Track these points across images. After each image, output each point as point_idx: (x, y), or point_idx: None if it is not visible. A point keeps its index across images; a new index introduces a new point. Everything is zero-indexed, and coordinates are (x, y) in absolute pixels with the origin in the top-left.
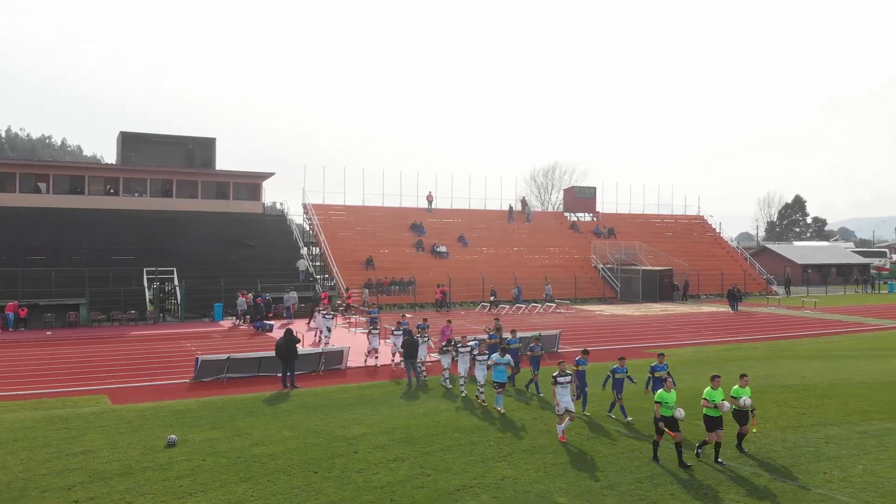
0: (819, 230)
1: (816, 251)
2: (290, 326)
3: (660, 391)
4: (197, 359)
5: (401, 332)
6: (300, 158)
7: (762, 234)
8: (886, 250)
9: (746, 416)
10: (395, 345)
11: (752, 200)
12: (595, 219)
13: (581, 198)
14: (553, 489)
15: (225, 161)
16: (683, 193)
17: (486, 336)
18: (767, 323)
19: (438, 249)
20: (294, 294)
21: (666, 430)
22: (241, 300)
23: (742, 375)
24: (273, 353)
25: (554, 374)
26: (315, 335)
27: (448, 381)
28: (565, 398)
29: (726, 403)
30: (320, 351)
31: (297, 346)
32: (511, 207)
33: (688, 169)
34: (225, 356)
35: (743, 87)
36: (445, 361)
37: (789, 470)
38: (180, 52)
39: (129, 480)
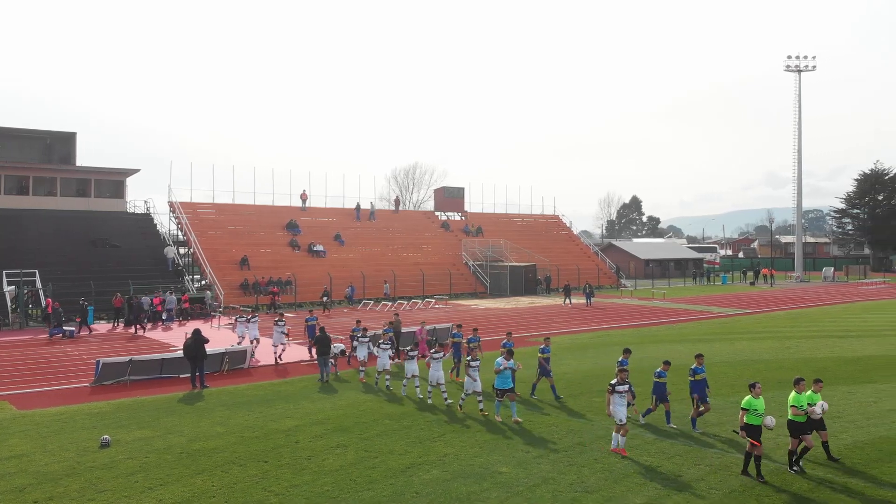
0: (653, 228)
1: (656, 247)
2: (198, 327)
3: (748, 398)
4: (98, 362)
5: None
6: (166, 155)
7: (604, 231)
8: (716, 246)
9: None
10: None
11: (595, 200)
12: (464, 218)
13: (450, 198)
14: (493, 461)
15: (87, 158)
16: (541, 194)
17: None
18: (627, 313)
19: (315, 248)
20: (174, 297)
21: (749, 439)
22: (145, 299)
23: (816, 381)
24: (176, 355)
25: (612, 382)
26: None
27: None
28: (622, 409)
29: (818, 408)
30: (223, 351)
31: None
32: (359, 206)
33: (543, 170)
34: (127, 358)
35: (586, 91)
36: (411, 368)
37: (687, 434)
38: (39, 45)
39: (81, 480)
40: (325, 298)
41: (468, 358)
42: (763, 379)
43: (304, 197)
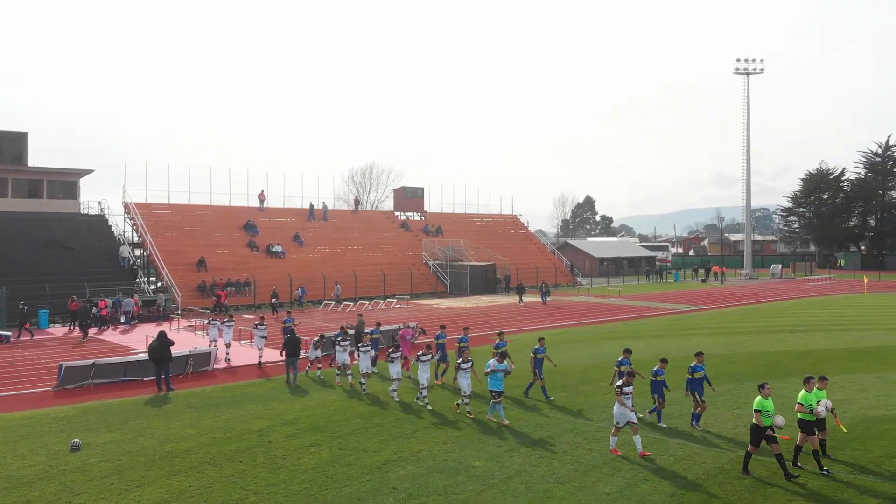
0: (606, 227)
1: (610, 246)
2: (162, 328)
3: (758, 398)
4: (60, 365)
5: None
6: (120, 155)
7: (558, 230)
8: (668, 244)
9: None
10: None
11: (549, 200)
12: (423, 218)
13: (410, 198)
14: (466, 456)
15: (39, 158)
16: (499, 195)
17: (348, 331)
18: (585, 310)
19: (274, 249)
20: (131, 300)
21: (767, 442)
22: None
23: (821, 378)
24: (139, 358)
25: (618, 384)
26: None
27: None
28: (625, 410)
29: (822, 407)
30: (188, 353)
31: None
32: (312, 206)
33: (500, 171)
34: (90, 362)
35: (544, 93)
36: (395, 370)
37: (656, 423)
38: None
39: (55, 483)
40: (273, 300)
41: (459, 360)
42: (718, 373)
43: (261, 197)
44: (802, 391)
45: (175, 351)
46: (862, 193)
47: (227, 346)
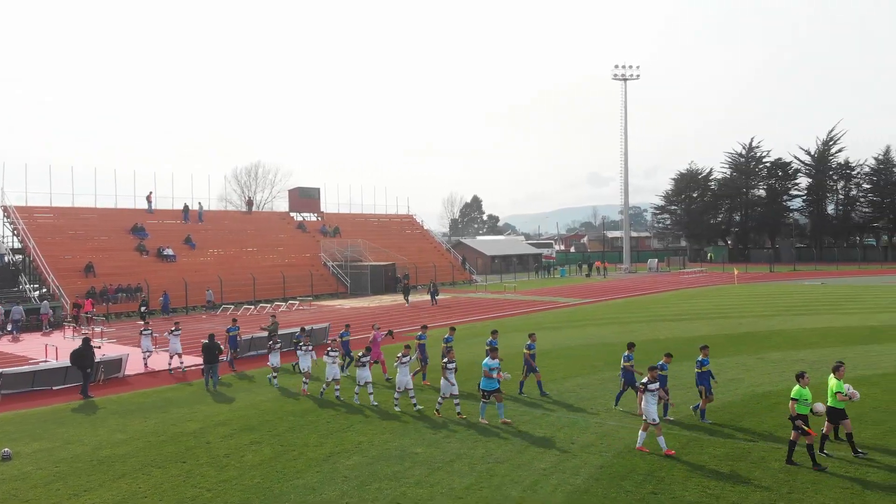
0: (493, 226)
1: (500, 244)
2: (87, 336)
3: (796, 388)
4: None
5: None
6: None
7: (449, 230)
8: (552, 242)
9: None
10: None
11: (439, 199)
12: (320, 218)
13: (305, 198)
14: (406, 444)
15: None
16: (395, 195)
17: (265, 333)
18: (487, 306)
19: (165, 252)
20: (20, 307)
21: (804, 429)
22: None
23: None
24: (48, 367)
25: (643, 381)
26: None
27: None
28: (653, 408)
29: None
30: (98, 360)
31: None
32: (187, 207)
33: (394, 172)
34: None
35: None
36: (363, 375)
37: (574, 405)
38: None
39: None
40: (143, 308)
41: (444, 360)
42: (615, 360)
43: (150, 199)
44: (834, 380)
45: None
46: (728, 192)
47: (179, 355)
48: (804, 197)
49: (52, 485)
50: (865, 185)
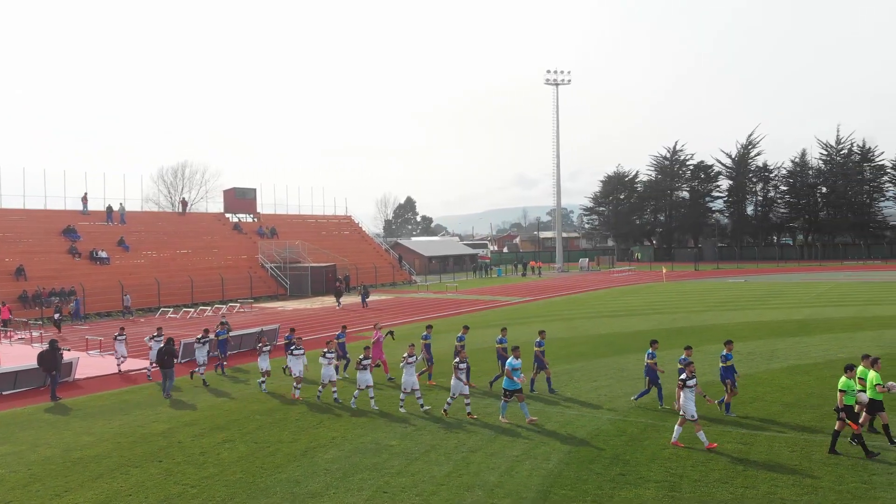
0: (427, 227)
1: (436, 245)
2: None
3: (843, 379)
4: None
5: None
6: None
7: (383, 231)
8: (487, 242)
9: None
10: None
11: (371, 201)
12: (256, 220)
13: (241, 199)
14: (379, 438)
15: None
16: (332, 195)
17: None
18: (433, 305)
19: (99, 255)
20: None
21: (849, 422)
22: None
23: (866, 357)
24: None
25: (682, 377)
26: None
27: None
28: (692, 404)
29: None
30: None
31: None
32: (110, 208)
33: (330, 172)
34: None
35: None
36: (364, 378)
37: (536, 397)
38: None
39: None
40: (56, 316)
41: (456, 359)
42: (569, 354)
43: (85, 200)
44: (873, 373)
45: (32, 363)
46: (653, 193)
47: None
48: (725, 198)
49: (31, 486)
50: (782, 187)
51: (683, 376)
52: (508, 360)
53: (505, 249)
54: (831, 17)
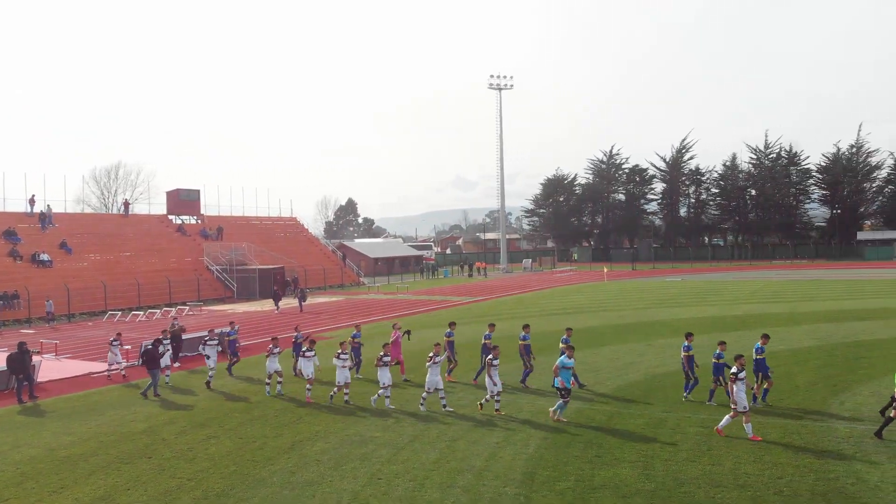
0: (368, 229)
1: (382, 246)
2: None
3: None
4: None
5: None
6: None
7: (324, 233)
8: (431, 244)
9: None
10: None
11: (311, 202)
12: (200, 221)
13: (185, 200)
14: (362, 430)
15: None
16: (277, 197)
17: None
18: (388, 306)
19: (41, 258)
20: None
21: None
22: None
23: None
24: None
25: (734, 371)
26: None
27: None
28: (744, 395)
29: None
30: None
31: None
32: (42, 213)
33: (275, 174)
34: None
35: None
36: (385, 377)
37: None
38: None
39: None
40: None
41: (489, 357)
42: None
43: (32, 201)
44: None
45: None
46: (591, 195)
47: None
48: (659, 200)
49: (25, 484)
50: (714, 190)
51: (734, 369)
52: (561, 359)
53: (448, 251)
54: (762, 25)
